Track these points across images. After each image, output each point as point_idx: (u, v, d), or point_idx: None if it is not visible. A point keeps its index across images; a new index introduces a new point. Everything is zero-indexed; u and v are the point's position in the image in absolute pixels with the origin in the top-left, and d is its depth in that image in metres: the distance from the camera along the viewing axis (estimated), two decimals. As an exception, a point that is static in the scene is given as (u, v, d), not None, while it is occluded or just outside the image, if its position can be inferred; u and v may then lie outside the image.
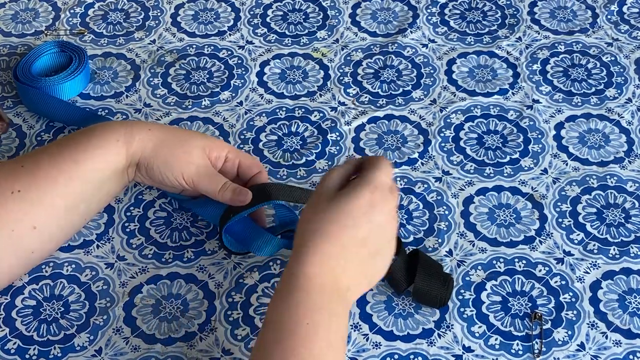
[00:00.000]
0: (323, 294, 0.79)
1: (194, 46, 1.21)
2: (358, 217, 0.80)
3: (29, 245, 0.90)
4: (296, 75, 1.17)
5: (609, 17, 1.24)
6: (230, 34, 1.22)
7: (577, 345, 0.90)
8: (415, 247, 0.97)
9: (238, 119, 1.12)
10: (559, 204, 1.02)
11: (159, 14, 1.25)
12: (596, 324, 0.92)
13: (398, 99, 1.14)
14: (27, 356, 0.90)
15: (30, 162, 0.92)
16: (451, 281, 0.93)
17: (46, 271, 0.97)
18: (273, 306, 0.80)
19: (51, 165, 0.91)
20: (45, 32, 1.23)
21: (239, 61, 1.19)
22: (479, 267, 0.96)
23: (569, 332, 0.91)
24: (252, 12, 1.25)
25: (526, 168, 1.06)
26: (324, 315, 0.78)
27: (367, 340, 0.91)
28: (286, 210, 0.99)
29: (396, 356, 0.90)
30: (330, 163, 1.07)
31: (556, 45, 1.20)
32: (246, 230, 0.96)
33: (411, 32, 1.22)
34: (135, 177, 0.97)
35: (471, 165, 1.06)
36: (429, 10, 1.25)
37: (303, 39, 1.22)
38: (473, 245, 0.99)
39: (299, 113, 1.12)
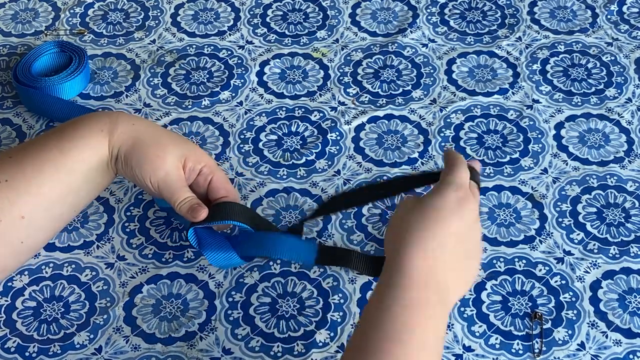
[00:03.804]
0: (422, 289, 0.77)
1: (194, 46, 1.21)
2: (448, 214, 0.80)
3: (17, 235, 0.90)
4: (296, 75, 1.17)
5: (608, 16, 1.24)
6: (230, 34, 1.22)
7: (578, 344, 0.90)
8: None
9: (238, 119, 1.12)
10: (559, 203, 1.02)
11: (158, 14, 1.25)
12: (596, 323, 0.92)
13: (398, 98, 1.14)
14: (26, 354, 0.90)
15: (18, 153, 0.92)
16: None
17: (46, 272, 0.97)
18: (373, 298, 0.78)
19: (38, 155, 0.91)
20: (45, 32, 1.23)
21: (239, 61, 1.19)
22: (479, 267, 0.96)
23: (569, 332, 0.91)
24: (252, 12, 1.25)
25: (526, 168, 1.06)
26: (421, 314, 0.76)
27: (367, 339, 0.91)
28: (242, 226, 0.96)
29: (396, 356, 0.90)
30: (330, 163, 1.07)
31: (556, 45, 1.20)
32: (213, 238, 0.95)
33: (411, 32, 1.22)
34: (119, 172, 0.96)
35: (471, 165, 1.06)
36: (428, 10, 1.25)
37: (303, 38, 1.22)
38: (473, 245, 0.98)
39: (299, 113, 1.12)
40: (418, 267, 0.77)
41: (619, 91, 1.14)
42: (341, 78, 1.16)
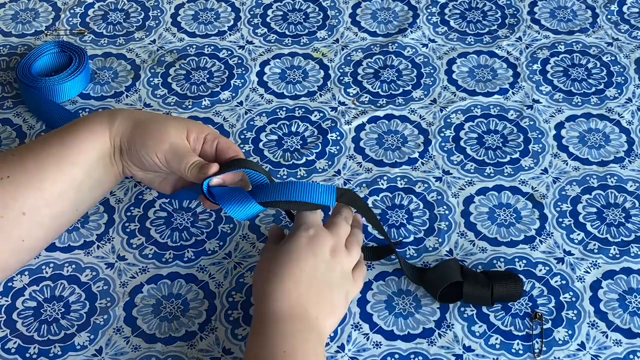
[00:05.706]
0: (293, 322, 0.84)
1: (194, 46, 1.21)
2: (301, 253, 0.87)
3: (19, 232, 0.90)
4: (296, 75, 1.17)
5: (609, 16, 1.24)
6: (230, 34, 1.22)
7: (578, 344, 0.90)
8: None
9: (238, 119, 1.12)
10: (559, 203, 1.02)
11: (159, 14, 1.25)
12: (596, 323, 0.92)
13: (398, 98, 1.14)
14: (27, 355, 0.90)
15: (20, 151, 0.93)
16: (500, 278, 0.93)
17: (46, 272, 0.97)
18: (249, 343, 0.85)
19: (39, 151, 0.92)
20: (45, 32, 1.23)
21: (239, 61, 1.19)
22: (480, 267, 0.96)
23: (570, 332, 0.91)
24: (252, 12, 1.25)
25: (526, 168, 1.06)
26: (298, 340, 0.83)
27: (367, 339, 0.91)
28: (256, 174, 0.95)
29: (397, 356, 0.90)
30: (330, 163, 1.07)
31: (556, 45, 1.20)
32: (227, 191, 0.94)
33: (411, 32, 1.22)
34: (124, 170, 0.96)
35: (471, 165, 1.06)
36: (429, 10, 1.25)
37: (303, 39, 1.22)
38: (473, 245, 0.99)
39: (299, 113, 1.12)
40: (282, 307, 0.84)
41: (619, 91, 1.14)
42: (341, 78, 1.16)
